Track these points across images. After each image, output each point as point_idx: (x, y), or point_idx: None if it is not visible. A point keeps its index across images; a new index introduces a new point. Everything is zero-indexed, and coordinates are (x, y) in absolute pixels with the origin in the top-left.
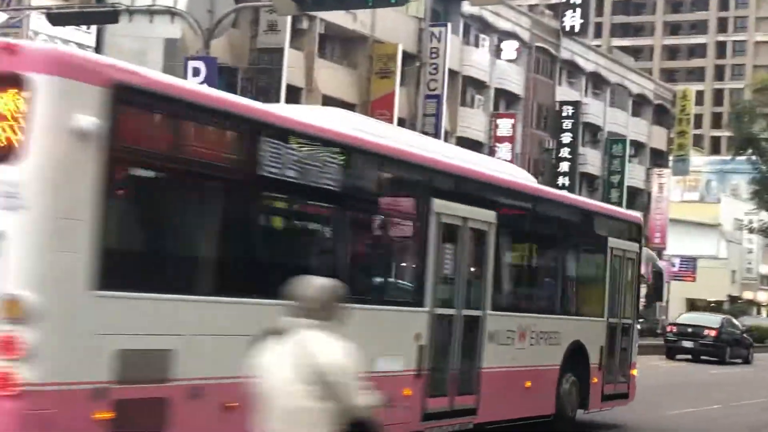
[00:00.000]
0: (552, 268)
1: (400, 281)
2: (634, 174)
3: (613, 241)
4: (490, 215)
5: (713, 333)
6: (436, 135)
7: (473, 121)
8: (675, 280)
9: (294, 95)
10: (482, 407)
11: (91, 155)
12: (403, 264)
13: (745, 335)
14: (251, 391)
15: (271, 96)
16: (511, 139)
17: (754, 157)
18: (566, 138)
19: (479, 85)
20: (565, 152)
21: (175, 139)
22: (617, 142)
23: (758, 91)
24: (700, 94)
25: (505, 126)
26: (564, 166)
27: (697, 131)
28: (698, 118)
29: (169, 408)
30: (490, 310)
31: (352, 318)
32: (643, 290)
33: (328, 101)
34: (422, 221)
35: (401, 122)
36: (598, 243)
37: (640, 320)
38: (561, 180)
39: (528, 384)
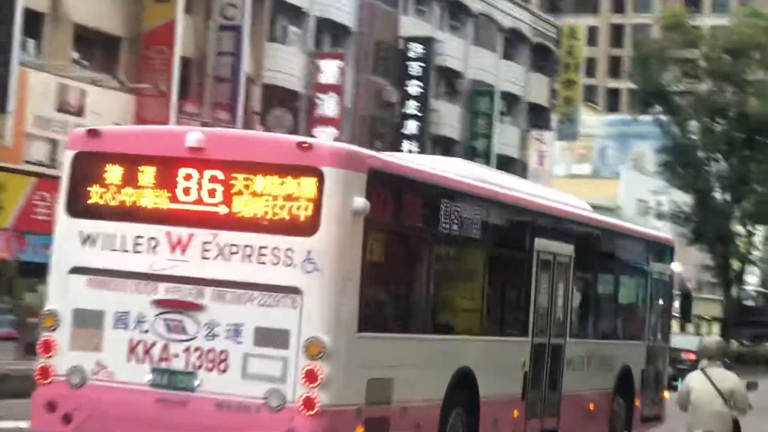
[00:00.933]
0: (608, 295)
1: (516, 315)
2: (506, 138)
3: (653, 265)
4: (570, 249)
5: (692, 356)
6: (235, 80)
7: (286, 63)
8: None
9: (33, 23)
10: (561, 429)
11: (361, 228)
12: (517, 298)
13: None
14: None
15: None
16: (338, 89)
17: (663, 117)
18: (414, 88)
19: (295, 14)
20: (411, 107)
21: (413, 212)
22: (483, 95)
23: (669, 28)
24: (593, 32)
25: (330, 70)
26: (411, 126)
27: (590, 81)
28: (591, 64)
29: (389, 425)
30: (569, 338)
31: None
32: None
33: (83, 32)
34: (529, 260)
35: (186, 62)
36: (641, 267)
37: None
38: (407, 145)
39: (591, 406)
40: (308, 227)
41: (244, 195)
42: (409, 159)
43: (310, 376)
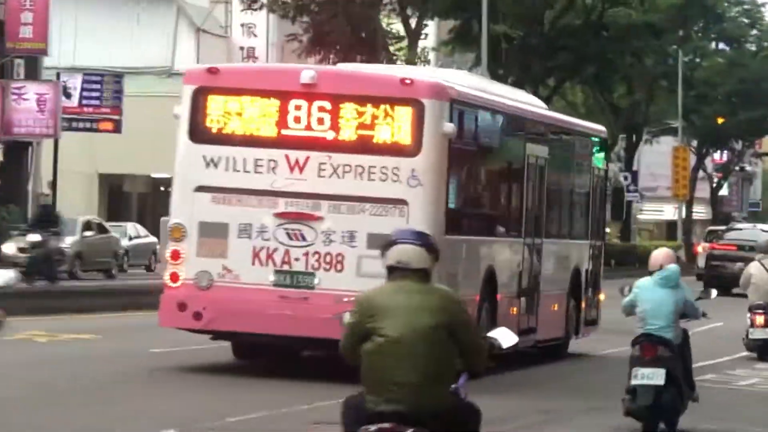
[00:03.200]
0: (566, 194)
1: (516, 218)
2: None
3: (592, 160)
4: (545, 151)
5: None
6: None
7: None
8: None
9: None
10: (539, 327)
11: (447, 149)
12: (518, 203)
13: None
14: None
15: None
16: None
17: None
18: None
19: None
20: None
21: (482, 133)
22: None
23: None
24: None
25: None
26: None
27: None
28: None
29: None
30: (544, 238)
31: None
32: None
33: None
34: (524, 165)
35: None
36: (585, 163)
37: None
38: None
39: (554, 308)
40: (412, 149)
41: (356, 123)
42: (465, 83)
43: None
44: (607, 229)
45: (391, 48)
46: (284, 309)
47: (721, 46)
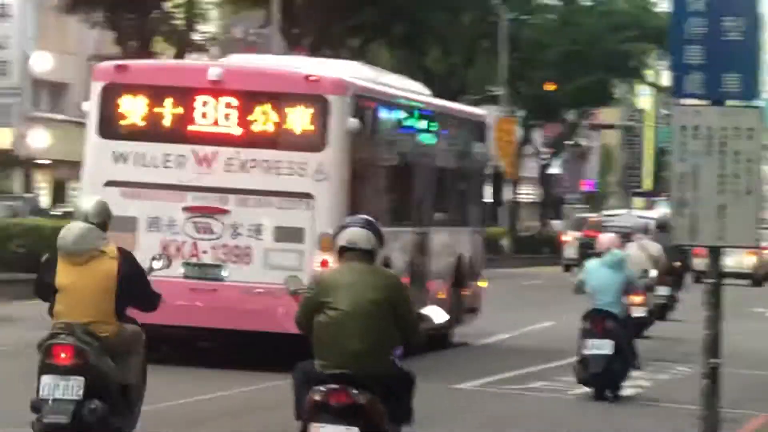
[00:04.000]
0: (451, 181)
1: (404, 207)
2: None
3: (474, 145)
4: (434, 139)
5: None
6: None
7: None
8: None
9: None
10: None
11: (350, 143)
12: (406, 192)
13: None
14: None
15: None
16: None
17: None
18: None
19: None
20: None
21: (381, 126)
22: None
23: None
24: None
25: None
26: None
27: None
28: None
29: None
30: (431, 226)
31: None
32: None
33: None
34: (415, 154)
35: None
36: (468, 149)
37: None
38: None
39: (441, 295)
40: (317, 145)
41: (263, 119)
42: (349, 71)
43: (323, 263)
44: None
45: (168, 4)
46: (194, 300)
47: (552, 1)
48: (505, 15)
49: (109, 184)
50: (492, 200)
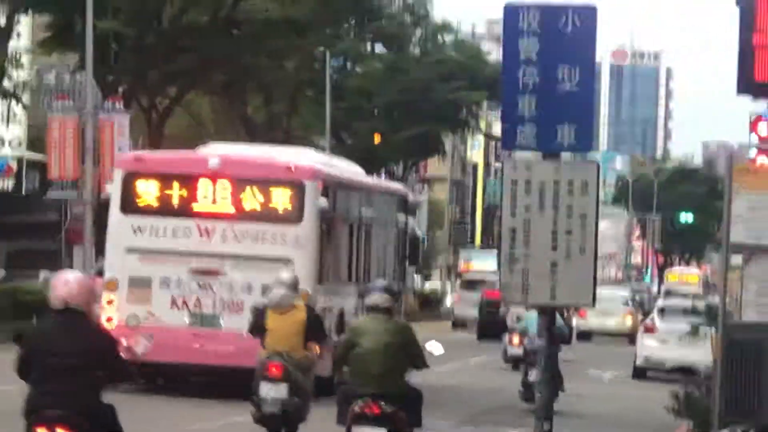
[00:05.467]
0: (381, 245)
1: (351, 268)
2: None
3: (399, 215)
4: (371, 212)
5: None
6: None
7: None
8: None
9: None
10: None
11: (319, 218)
12: (353, 256)
13: None
14: None
15: None
16: None
17: None
18: None
19: None
20: None
21: (339, 204)
22: None
23: None
24: None
25: None
26: None
27: None
28: None
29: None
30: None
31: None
32: None
33: None
34: (364, 226)
35: None
36: (393, 218)
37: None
38: None
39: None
40: (295, 219)
41: (251, 199)
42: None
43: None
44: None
45: None
46: (197, 344)
47: (379, 48)
48: (330, 61)
49: (129, 250)
50: (409, 260)
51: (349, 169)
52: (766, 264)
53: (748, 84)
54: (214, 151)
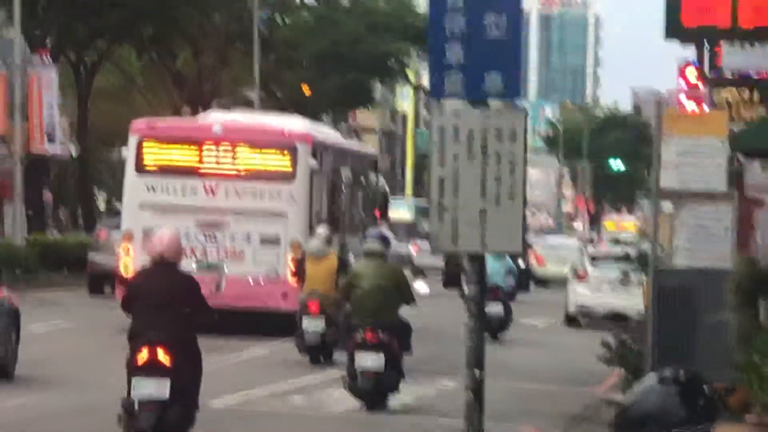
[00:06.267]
0: (357, 200)
1: (335, 219)
2: None
3: (371, 174)
4: (349, 171)
5: None
6: None
7: None
8: None
9: None
10: None
11: (310, 176)
12: (336, 209)
13: None
14: None
15: None
16: None
17: None
18: None
19: None
20: None
21: (325, 164)
22: None
23: None
24: None
25: None
26: None
27: None
28: None
29: None
30: (347, 233)
31: None
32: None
33: None
34: (340, 182)
35: None
36: (365, 176)
37: None
38: None
39: None
40: (289, 177)
41: (251, 160)
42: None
43: (294, 260)
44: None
45: None
46: (203, 287)
47: (308, 0)
48: (259, 14)
49: (143, 206)
50: (379, 214)
51: (330, 133)
52: (696, 210)
53: (676, 29)
54: (217, 119)
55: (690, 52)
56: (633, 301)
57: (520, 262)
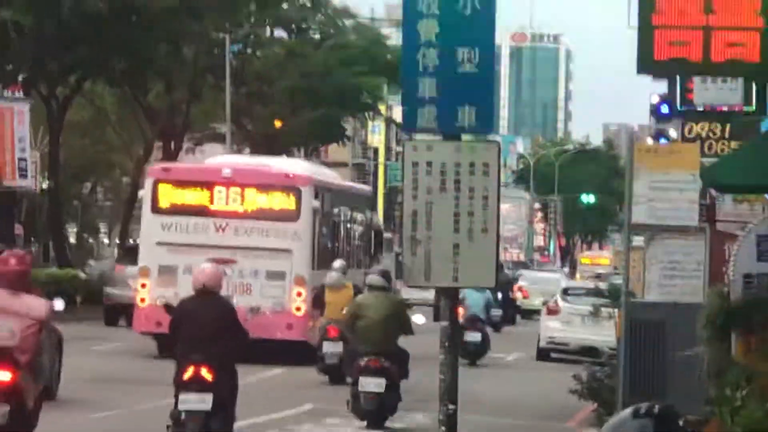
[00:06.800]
0: (355, 237)
1: (335, 256)
2: None
3: (367, 212)
4: (348, 210)
5: None
6: None
7: None
8: None
9: None
10: None
11: (312, 216)
12: (336, 246)
13: None
14: None
15: None
16: None
17: None
18: None
19: None
20: None
21: (326, 204)
22: None
23: None
24: None
25: None
26: None
27: None
28: None
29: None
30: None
31: None
32: None
33: None
34: (343, 221)
35: None
36: (361, 214)
37: None
38: None
39: None
40: (294, 217)
41: (258, 201)
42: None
43: (298, 293)
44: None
45: None
46: None
47: (280, 33)
48: (230, 48)
49: (159, 243)
50: (373, 251)
51: (329, 174)
52: (668, 244)
53: (648, 63)
54: (226, 162)
55: (661, 86)
56: (604, 334)
57: (510, 294)
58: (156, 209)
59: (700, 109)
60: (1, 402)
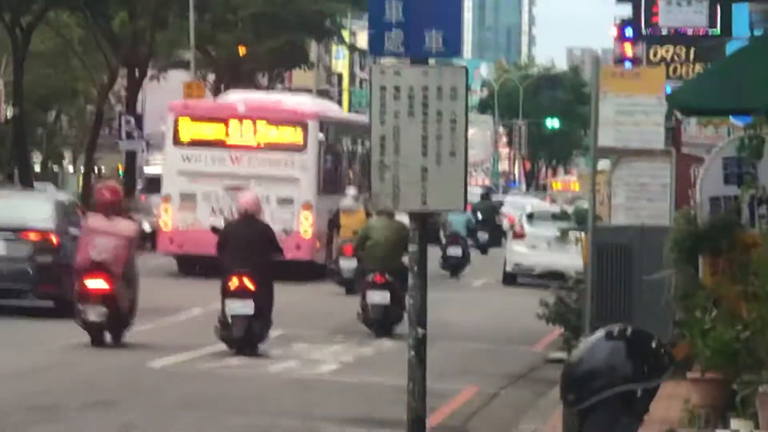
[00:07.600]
0: (354, 163)
1: (339, 182)
2: None
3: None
4: (348, 140)
5: None
6: None
7: None
8: None
9: None
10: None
11: (318, 147)
12: (339, 173)
13: None
14: None
15: None
16: None
17: None
18: None
19: None
20: None
21: (330, 136)
22: None
23: None
24: None
25: None
26: None
27: None
28: None
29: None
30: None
31: None
32: None
33: None
34: (342, 150)
35: None
36: (358, 141)
37: None
38: None
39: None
40: (301, 149)
41: (269, 134)
42: (310, 102)
43: (306, 217)
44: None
45: None
46: None
47: None
48: None
49: (179, 173)
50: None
51: (334, 108)
52: (634, 167)
53: None
54: (240, 99)
55: (625, 9)
56: (571, 258)
57: (496, 218)
58: (177, 142)
59: (665, 32)
60: (101, 305)
